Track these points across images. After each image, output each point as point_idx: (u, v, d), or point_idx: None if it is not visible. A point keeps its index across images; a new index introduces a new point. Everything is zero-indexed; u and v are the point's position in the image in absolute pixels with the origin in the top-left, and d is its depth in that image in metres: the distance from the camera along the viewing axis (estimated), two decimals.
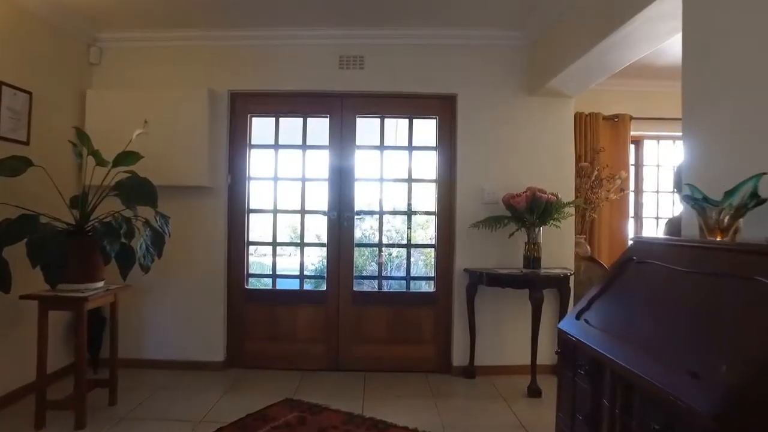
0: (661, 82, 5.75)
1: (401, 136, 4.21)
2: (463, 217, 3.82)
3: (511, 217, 3.58)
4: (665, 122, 5.76)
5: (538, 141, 3.90)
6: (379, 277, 4.14)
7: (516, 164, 3.88)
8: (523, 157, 3.88)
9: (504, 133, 3.89)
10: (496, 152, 3.89)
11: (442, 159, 3.99)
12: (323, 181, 4.03)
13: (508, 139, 3.89)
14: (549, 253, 3.71)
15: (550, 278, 3.41)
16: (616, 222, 5.50)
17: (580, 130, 5.01)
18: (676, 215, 2.14)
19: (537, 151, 3.89)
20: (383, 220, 4.22)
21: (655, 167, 6.00)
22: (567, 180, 3.91)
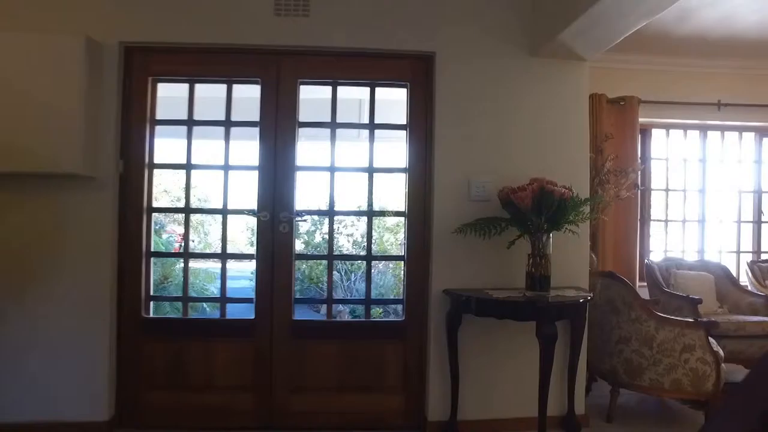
0: (675, 60, 4.82)
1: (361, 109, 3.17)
2: (443, 218, 2.80)
3: (511, 219, 2.57)
4: (677, 107, 4.88)
5: (543, 118, 2.90)
6: (329, 300, 3.06)
7: (514, 149, 2.88)
8: (524, 140, 2.89)
9: (498, 106, 2.89)
10: (487, 132, 2.88)
11: (414, 141, 2.96)
12: (253, 170, 2.96)
13: (503, 114, 2.89)
14: (559, 267, 2.71)
15: (565, 306, 2.42)
16: (623, 226, 4.58)
17: None
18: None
19: (542, 131, 2.90)
20: (344, 222, 3.16)
21: (664, 161, 5.13)
22: (580, 170, 2.93)
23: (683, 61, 4.76)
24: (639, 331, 2.83)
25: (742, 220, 5.26)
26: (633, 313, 2.84)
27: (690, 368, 2.79)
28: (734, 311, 4.21)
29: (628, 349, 2.87)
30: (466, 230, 2.58)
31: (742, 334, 3.69)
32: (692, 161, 5.12)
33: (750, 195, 5.28)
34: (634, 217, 4.58)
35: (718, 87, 4.89)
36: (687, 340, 2.79)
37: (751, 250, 5.28)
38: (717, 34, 4.26)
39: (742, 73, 4.96)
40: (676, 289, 4.14)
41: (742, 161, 5.25)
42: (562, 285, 2.75)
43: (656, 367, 2.81)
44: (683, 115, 4.85)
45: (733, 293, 4.32)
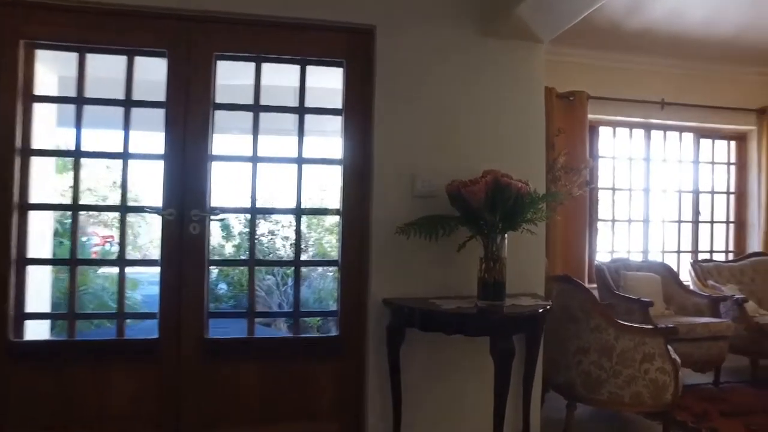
0: (622, 56, 4.71)
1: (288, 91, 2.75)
2: (384, 217, 2.42)
3: (461, 217, 2.24)
4: (623, 105, 4.77)
5: (497, 105, 2.60)
6: (250, 314, 2.61)
7: (465, 138, 2.55)
8: (477, 129, 2.56)
9: (448, 91, 2.56)
10: (435, 120, 2.54)
11: (351, 129, 2.57)
12: (157, 159, 2.47)
13: (453, 100, 2.56)
14: (514, 272, 2.40)
15: (523, 318, 2.10)
16: (573, 225, 4.39)
17: None
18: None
19: (496, 119, 2.59)
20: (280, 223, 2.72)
21: (610, 159, 5.02)
22: (537, 164, 2.64)
23: (631, 57, 4.66)
24: (598, 341, 2.57)
25: (682, 220, 5.26)
26: (592, 321, 2.59)
27: (650, 379, 2.57)
28: (680, 312, 4.11)
29: (587, 361, 2.61)
30: (410, 231, 2.22)
31: (692, 336, 3.56)
32: (637, 160, 5.05)
33: (689, 195, 5.29)
34: (583, 217, 4.41)
35: (662, 86, 4.83)
36: (647, 349, 2.56)
37: (690, 249, 5.28)
38: (663, 30, 4.16)
39: (684, 73, 4.94)
40: (626, 290, 3.99)
41: (683, 161, 5.25)
42: (518, 292, 2.45)
43: (616, 380, 2.56)
44: (629, 112, 4.75)
45: (678, 294, 4.23)
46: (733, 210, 5.45)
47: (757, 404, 3.48)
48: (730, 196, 5.45)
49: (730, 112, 5.09)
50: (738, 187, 5.44)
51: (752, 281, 4.64)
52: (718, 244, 5.44)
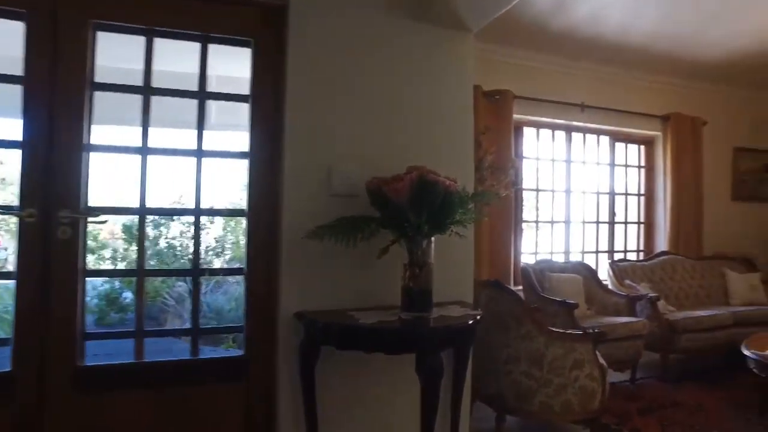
0: (546, 57, 4.71)
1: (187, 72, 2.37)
2: (296, 219, 2.12)
3: (383, 218, 1.99)
4: (547, 106, 4.78)
5: (424, 96, 2.38)
6: (138, 334, 2.19)
7: (389, 131, 2.31)
8: (401, 121, 2.33)
9: (370, 79, 2.30)
10: (355, 110, 2.27)
11: (260, 118, 2.24)
12: (13, 148, 2.00)
13: (376, 89, 2.31)
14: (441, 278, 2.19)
15: (452, 331, 1.89)
16: (499, 227, 4.32)
17: None
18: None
19: (423, 112, 2.37)
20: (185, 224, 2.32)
21: (534, 160, 5.02)
22: (465, 161, 2.46)
23: (555, 59, 4.68)
24: (529, 349, 2.44)
25: (600, 221, 5.39)
26: (523, 328, 2.45)
27: (579, 387, 2.47)
28: (601, 312, 4.16)
29: (518, 370, 2.47)
30: (323, 234, 1.93)
31: (613, 337, 3.57)
32: (559, 162, 5.10)
33: (606, 197, 5.44)
34: (509, 218, 4.35)
35: (582, 89, 4.91)
36: (577, 355, 2.46)
37: (606, 249, 5.43)
38: (584, 32, 4.19)
39: (602, 78, 5.06)
40: (550, 292, 3.96)
41: (600, 164, 5.39)
42: (446, 300, 2.24)
43: (546, 389, 2.44)
44: (552, 114, 4.77)
45: (599, 294, 4.28)
46: (643, 211, 5.69)
47: (668, 398, 3.56)
48: (641, 198, 5.68)
49: (641, 118, 5.29)
50: (647, 190, 5.68)
51: (661, 280, 4.82)
52: (631, 244, 5.65)
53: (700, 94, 5.69)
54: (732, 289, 4.96)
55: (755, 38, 4.38)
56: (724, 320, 4.16)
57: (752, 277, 5.06)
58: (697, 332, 4.01)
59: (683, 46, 4.52)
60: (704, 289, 4.94)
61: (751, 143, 6.12)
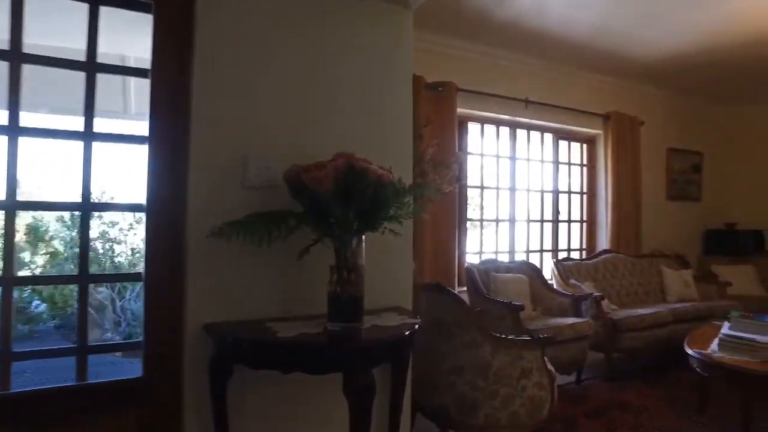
0: (490, 49, 4.57)
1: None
2: (205, 214, 1.80)
3: (304, 213, 1.70)
4: (491, 100, 4.64)
5: (357, 77, 2.11)
6: (5, 355, 1.78)
7: (315, 115, 2.02)
8: (330, 104, 2.05)
9: (296, 57, 2.01)
10: (276, 91, 1.97)
11: (162, 97, 1.90)
12: None
13: (303, 69, 2.02)
14: (374, 281, 1.94)
15: (386, 344, 1.63)
16: (442, 225, 4.12)
17: None
18: None
19: (355, 94, 2.10)
20: None
21: (478, 157, 4.87)
22: (403, 151, 2.22)
23: (498, 51, 4.55)
24: (474, 358, 2.22)
25: (544, 219, 5.33)
26: (467, 335, 2.23)
27: (528, 396, 2.28)
28: (546, 313, 4.05)
29: (462, 381, 2.24)
30: (231, 232, 1.62)
31: (560, 339, 3.45)
32: (503, 159, 4.98)
33: (550, 195, 5.39)
34: (453, 216, 4.16)
35: (526, 84, 4.82)
36: (524, 363, 2.27)
37: (550, 248, 5.38)
38: (528, 24, 4.07)
39: (546, 73, 4.99)
40: (495, 293, 3.80)
41: (544, 161, 5.33)
42: (380, 306, 1.99)
43: (492, 401, 2.23)
44: (497, 109, 4.64)
45: (544, 294, 4.17)
46: (585, 210, 5.69)
47: (614, 399, 3.48)
48: (583, 197, 5.68)
49: (583, 116, 5.27)
50: (589, 188, 5.69)
51: (604, 278, 4.80)
52: (574, 243, 5.64)
53: (637, 94, 5.77)
54: (668, 285, 5.03)
55: (688, 40, 4.42)
56: (664, 317, 4.16)
57: (685, 274, 5.15)
58: (639, 330, 3.98)
59: (623, 44, 4.51)
60: (643, 286, 4.97)
61: (681, 144, 6.30)
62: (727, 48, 4.59)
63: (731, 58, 4.84)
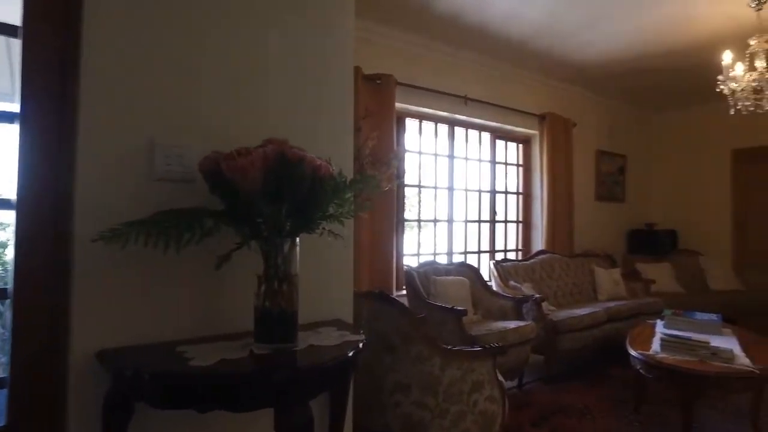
0: (430, 43, 4.39)
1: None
2: (97, 214, 1.43)
3: (225, 212, 1.39)
4: (430, 96, 4.47)
5: (291, 53, 1.81)
6: None
7: (240, 93, 1.70)
8: (258, 81, 1.74)
9: (216, 26, 1.67)
10: (193, 66, 1.62)
11: (38, 63, 1.50)
12: None
13: (225, 40, 1.68)
14: (310, 292, 1.67)
15: (326, 370, 1.34)
16: (380, 225, 3.89)
17: None
18: None
19: (288, 74, 1.80)
20: None
21: (416, 154, 4.69)
22: (343, 142, 1.94)
23: (438, 45, 4.40)
24: (421, 374, 1.99)
25: (482, 220, 5.26)
26: (413, 349, 2.00)
27: (479, 412, 2.08)
28: (487, 316, 3.93)
29: (408, 401, 2.01)
30: (130, 236, 1.27)
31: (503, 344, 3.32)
32: (442, 157, 4.84)
33: (488, 195, 5.32)
34: (391, 216, 3.94)
35: (466, 80, 4.71)
36: (475, 376, 2.08)
37: (488, 249, 5.32)
38: (469, 18, 3.94)
39: (485, 71, 4.91)
40: (436, 298, 3.62)
41: (482, 161, 5.26)
42: (317, 320, 1.71)
43: (442, 420, 2.01)
44: (435, 105, 4.49)
45: (485, 297, 4.06)
46: (521, 210, 5.70)
47: (556, 403, 3.41)
48: (519, 197, 5.68)
49: (520, 115, 5.26)
50: (525, 188, 5.70)
51: (541, 279, 4.79)
52: (510, 243, 5.62)
53: (571, 96, 5.87)
54: (599, 284, 5.11)
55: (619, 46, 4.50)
56: (600, 317, 4.18)
57: (614, 273, 5.28)
58: (578, 331, 3.96)
59: (561, 45, 4.51)
60: (577, 286, 5.02)
61: (609, 147, 6.50)
62: (650, 56, 4.74)
63: (654, 66, 5.01)
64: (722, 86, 3.76)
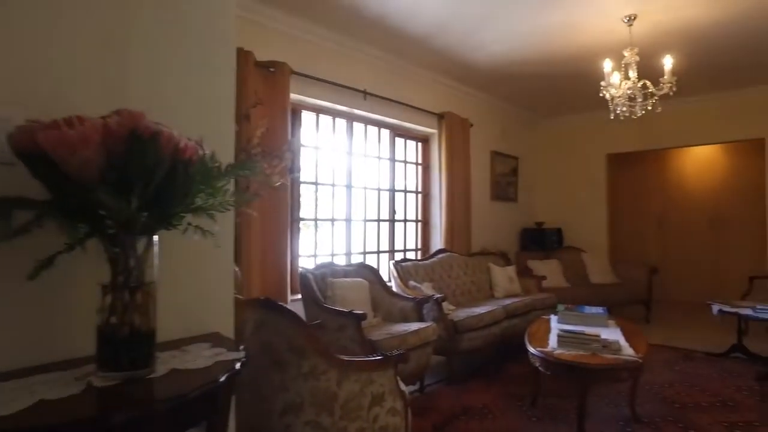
0: (329, 33, 4.13)
1: None
2: None
3: (53, 202, 1.05)
4: (328, 89, 4.24)
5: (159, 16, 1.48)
6: None
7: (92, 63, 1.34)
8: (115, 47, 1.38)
9: None
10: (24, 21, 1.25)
11: None
12: None
13: None
14: (178, 303, 1.37)
15: (192, 402, 1.06)
16: (272, 225, 3.58)
17: None
18: None
19: (153, 39, 1.47)
20: None
21: (314, 150, 4.43)
22: (222, 126, 1.64)
23: (337, 36, 4.18)
24: (316, 391, 1.76)
25: (381, 219, 5.14)
26: (306, 363, 1.76)
27: (380, 427, 1.90)
28: (388, 319, 3.79)
29: (300, 422, 1.76)
30: None
31: (405, 348, 3.19)
32: (340, 153, 4.64)
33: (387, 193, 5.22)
34: (285, 215, 3.65)
35: (365, 75, 4.55)
36: (376, 388, 1.89)
37: (387, 249, 5.22)
38: (370, 9, 3.77)
39: (385, 66, 4.79)
40: (334, 302, 3.40)
41: (381, 158, 5.14)
42: (186, 335, 1.41)
43: None
44: (333, 98, 4.27)
45: (385, 299, 3.92)
46: (420, 209, 5.67)
47: (459, 405, 3.35)
48: (419, 196, 5.66)
49: (420, 114, 5.22)
50: (424, 187, 5.69)
51: (441, 278, 4.77)
52: (410, 243, 5.57)
53: (468, 97, 5.97)
54: (495, 282, 5.23)
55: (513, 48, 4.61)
56: (498, 315, 4.23)
57: (510, 270, 5.44)
58: (478, 330, 3.96)
59: (459, 45, 4.52)
60: (475, 284, 5.09)
61: (503, 148, 6.74)
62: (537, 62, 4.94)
63: (540, 72, 5.24)
64: (604, 91, 3.98)
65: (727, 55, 4.73)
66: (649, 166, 7.91)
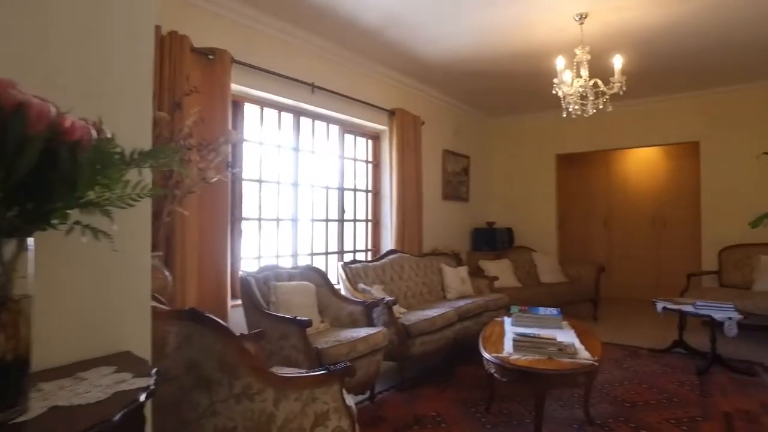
0: (274, 21, 3.88)
1: None
2: None
3: None
4: (273, 80, 3.98)
5: None
6: None
7: None
8: None
9: None
10: None
11: None
12: None
13: None
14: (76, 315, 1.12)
15: None
16: (209, 225, 3.30)
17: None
18: None
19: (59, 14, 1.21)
20: None
21: (257, 145, 4.16)
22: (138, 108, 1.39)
23: (282, 24, 3.94)
24: (250, 413, 1.53)
25: (330, 219, 4.93)
26: (238, 382, 1.53)
27: None
28: (336, 324, 3.59)
29: None
30: None
31: (353, 356, 3.00)
32: (286, 150, 4.39)
33: (335, 192, 5.01)
34: (224, 214, 3.37)
35: (313, 67, 4.32)
36: (319, 406, 1.69)
37: (336, 250, 5.01)
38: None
39: (334, 59, 4.58)
40: (277, 307, 3.17)
41: (330, 155, 4.93)
42: (85, 357, 1.16)
43: None
44: (279, 91, 4.02)
45: (333, 303, 3.71)
46: (371, 208, 5.50)
47: (410, 413, 3.19)
48: (368, 195, 5.48)
49: (370, 110, 5.05)
50: (374, 186, 5.52)
51: (392, 280, 4.61)
52: (359, 243, 5.39)
53: (420, 94, 5.85)
54: (447, 283, 5.13)
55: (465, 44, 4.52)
56: (450, 317, 4.11)
57: (462, 271, 5.35)
58: (430, 334, 3.82)
59: (411, 39, 4.38)
60: (427, 285, 4.97)
61: (454, 147, 6.68)
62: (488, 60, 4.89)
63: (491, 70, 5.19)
64: (557, 89, 3.95)
65: (670, 59, 4.83)
66: (595, 167, 8.09)
